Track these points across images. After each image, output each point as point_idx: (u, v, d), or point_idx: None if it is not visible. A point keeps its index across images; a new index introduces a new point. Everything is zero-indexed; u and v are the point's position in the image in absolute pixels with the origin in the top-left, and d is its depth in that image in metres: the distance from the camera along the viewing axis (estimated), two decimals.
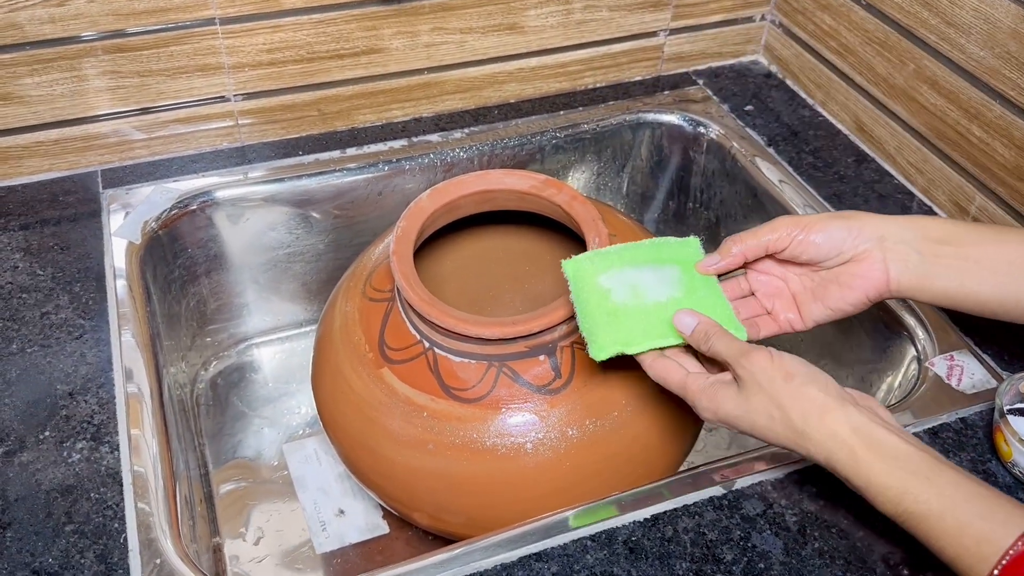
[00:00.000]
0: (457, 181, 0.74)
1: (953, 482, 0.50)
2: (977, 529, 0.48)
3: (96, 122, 0.86)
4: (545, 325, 0.65)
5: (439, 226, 0.75)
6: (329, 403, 0.73)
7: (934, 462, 0.51)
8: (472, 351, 0.66)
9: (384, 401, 0.68)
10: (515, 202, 0.76)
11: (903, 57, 0.88)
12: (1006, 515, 0.48)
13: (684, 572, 0.57)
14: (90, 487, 0.62)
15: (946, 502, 0.49)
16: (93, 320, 0.74)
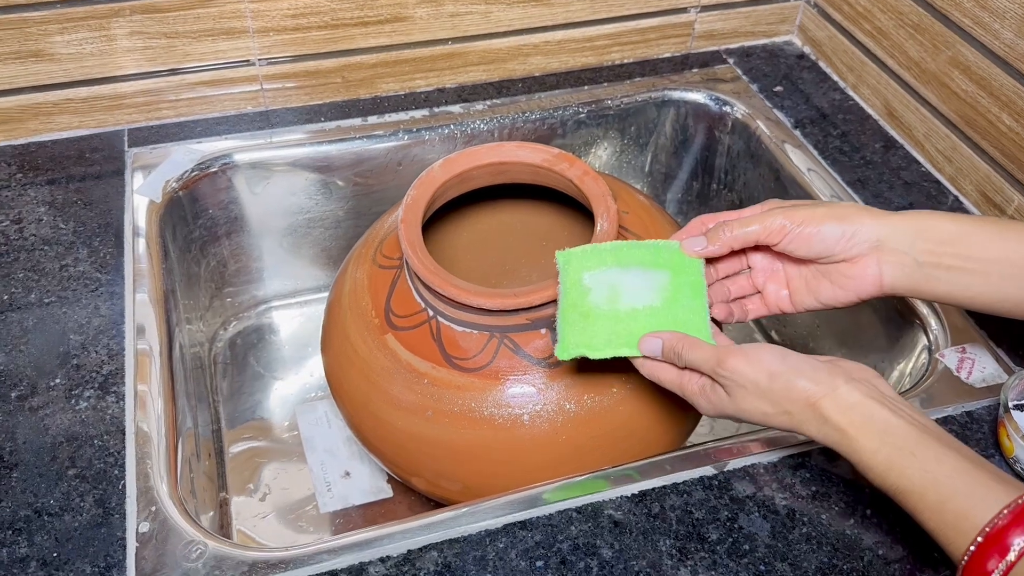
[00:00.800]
0: (470, 152, 0.74)
1: (937, 457, 0.49)
2: (956, 505, 0.48)
3: (124, 81, 0.88)
4: (547, 298, 0.65)
5: (451, 197, 0.75)
6: (336, 367, 0.74)
7: (921, 436, 0.50)
8: (474, 321, 0.66)
9: (387, 367, 0.68)
10: (528, 176, 0.76)
11: (936, 41, 0.85)
12: (985, 491, 0.47)
13: (667, 549, 0.57)
14: (94, 434, 0.64)
15: (928, 478, 0.49)
16: (109, 275, 0.76)
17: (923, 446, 0.50)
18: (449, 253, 0.86)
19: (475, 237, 0.88)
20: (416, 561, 0.56)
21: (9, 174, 0.85)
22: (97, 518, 0.59)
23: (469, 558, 0.56)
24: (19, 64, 0.84)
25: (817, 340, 0.92)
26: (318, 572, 0.56)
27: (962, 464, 0.49)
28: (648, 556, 0.57)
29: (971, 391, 0.68)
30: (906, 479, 0.49)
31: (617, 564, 0.56)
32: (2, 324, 0.71)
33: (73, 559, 0.57)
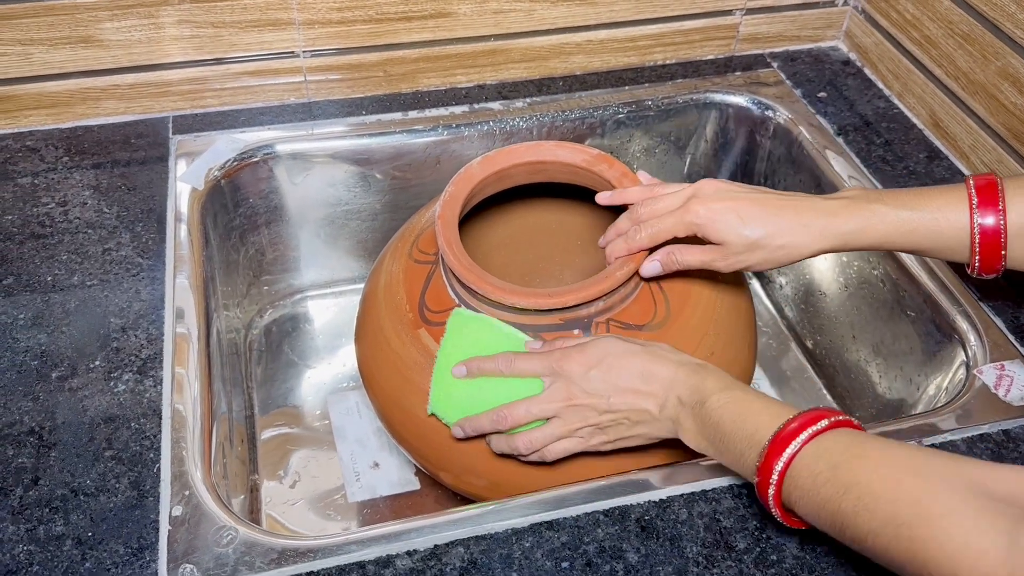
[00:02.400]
0: (508, 150, 0.74)
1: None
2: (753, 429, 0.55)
3: (170, 69, 0.89)
4: (581, 299, 0.65)
5: (488, 194, 0.75)
6: (368, 359, 0.75)
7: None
8: (507, 319, 0.66)
9: (419, 361, 0.69)
10: (566, 175, 0.76)
11: (986, 52, 0.84)
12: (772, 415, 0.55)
13: (694, 555, 0.57)
14: (131, 417, 0.65)
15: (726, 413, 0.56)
16: (151, 260, 0.77)
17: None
18: (484, 250, 0.87)
19: (511, 235, 0.89)
20: (442, 556, 0.57)
21: (56, 157, 0.87)
22: (131, 500, 0.60)
23: (495, 556, 0.57)
24: (69, 49, 0.85)
25: (851, 352, 0.91)
26: (346, 562, 0.56)
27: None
28: (674, 562, 0.57)
29: (1008, 409, 0.67)
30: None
31: (643, 569, 0.56)
32: (45, 305, 0.73)
33: (107, 539, 0.58)
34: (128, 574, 0.56)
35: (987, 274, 0.63)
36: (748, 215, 0.62)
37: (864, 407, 0.89)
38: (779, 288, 1.04)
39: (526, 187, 0.78)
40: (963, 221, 0.61)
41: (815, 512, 0.51)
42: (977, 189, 0.61)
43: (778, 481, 0.52)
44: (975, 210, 0.61)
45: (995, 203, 0.60)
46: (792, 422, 0.53)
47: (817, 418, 0.53)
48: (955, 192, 0.62)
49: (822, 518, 0.51)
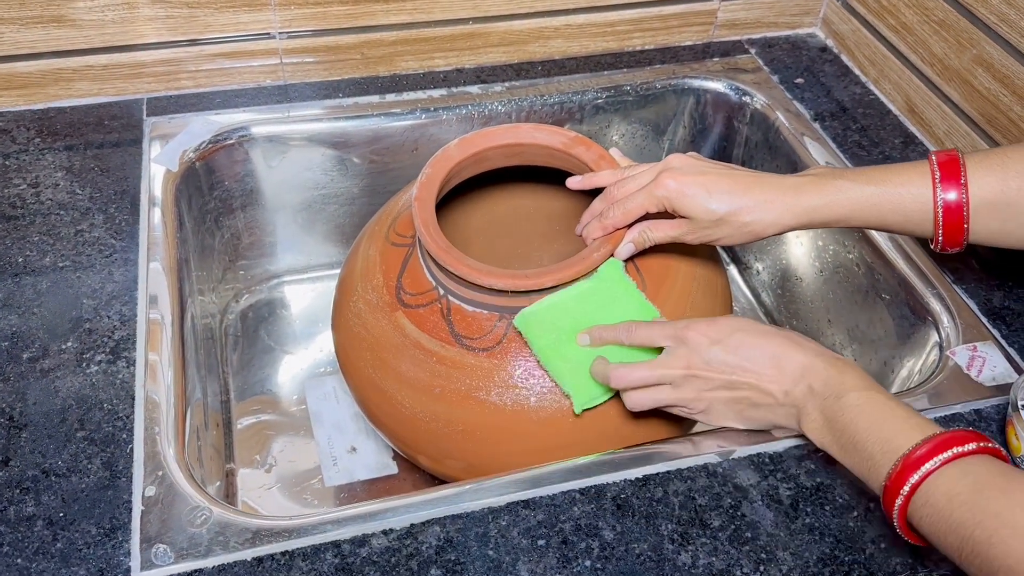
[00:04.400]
0: (486, 132, 0.74)
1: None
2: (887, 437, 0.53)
3: (145, 50, 0.88)
4: (558, 280, 0.65)
5: (465, 177, 0.75)
6: (346, 342, 0.74)
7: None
8: (485, 301, 0.66)
9: (397, 344, 0.69)
10: (544, 158, 0.76)
11: (961, 38, 0.85)
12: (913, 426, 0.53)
13: (669, 533, 0.57)
14: (104, 398, 0.64)
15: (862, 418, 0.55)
16: (124, 241, 0.76)
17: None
18: (463, 235, 0.86)
19: (489, 220, 0.88)
20: (418, 535, 0.57)
21: (28, 138, 0.86)
22: (104, 480, 0.59)
23: (471, 534, 0.57)
24: (41, 29, 0.84)
25: (827, 336, 0.91)
26: (321, 542, 0.56)
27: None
28: (650, 539, 0.57)
29: (980, 389, 0.68)
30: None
31: (618, 546, 0.56)
32: (16, 287, 0.72)
33: (79, 520, 0.57)
34: (100, 554, 0.55)
35: (951, 248, 0.63)
36: (716, 190, 0.62)
37: None
38: (756, 274, 1.04)
39: (504, 171, 0.77)
40: (926, 196, 0.61)
41: (943, 533, 0.49)
42: (940, 165, 0.61)
43: (909, 493, 0.50)
44: (938, 185, 0.61)
45: (957, 178, 0.61)
46: (938, 437, 0.51)
47: (965, 440, 0.50)
48: (918, 168, 0.63)
49: (949, 542, 0.49)
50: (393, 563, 0.55)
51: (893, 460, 0.51)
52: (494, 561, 0.55)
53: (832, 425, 0.56)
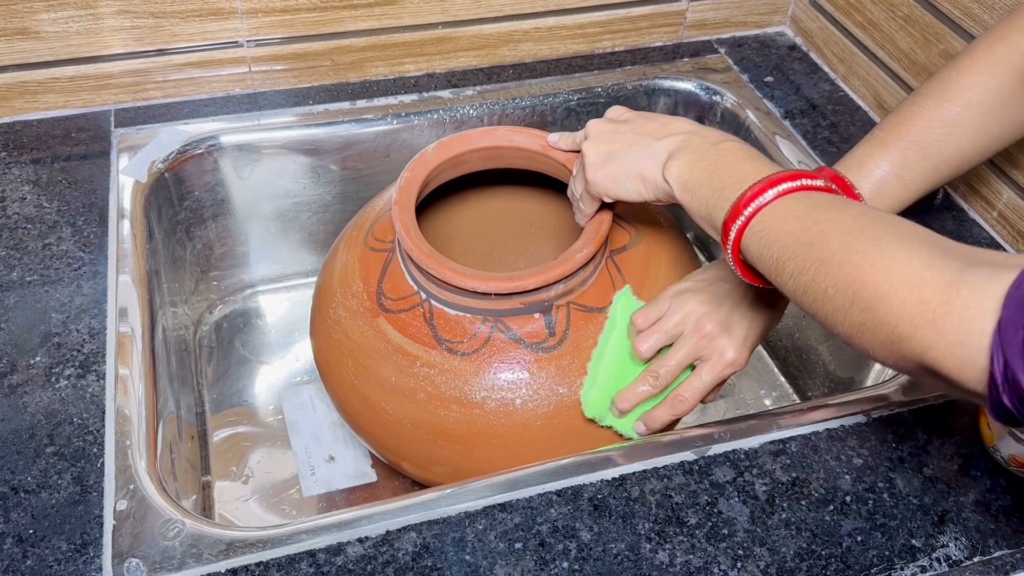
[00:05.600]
0: (464, 136, 0.74)
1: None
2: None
3: (111, 61, 0.87)
4: (541, 283, 0.64)
5: (444, 180, 0.75)
6: (325, 350, 0.73)
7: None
8: (467, 304, 0.66)
9: (379, 350, 0.68)
10: (522, 161, 0.75)
11: (926, 33, 0.85)
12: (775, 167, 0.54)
13: (646, 532, 0.57)
14: (73, 412, 0.63)
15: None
16: (93, 254, 0.75)
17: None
18: (442, 239, 0.86)
19: (466, 223, 0.88)
20: (394, 542, 0.56)
21: None
22: (74, 495, 0.58)
23: (448, 539, 0.56)
24: (4, 42, 0.83)
25: (803, 330, 0.92)
26: (296, 552, 0.56)
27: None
28: (627, 539, 0.56)
29: None
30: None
31: (595, 547, 0.56)
32: None
33: (49, 536, 0.56)
34: (71, 571, 0.55)
35: None
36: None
37: (816, 386, 0.90)
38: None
39: (481, 174, 0.77)
40: None
41: (769, 244, 0.51)
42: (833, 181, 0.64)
43: (751, 214, 0.52)
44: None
45: (850, 192, 0.64)
46: (791, 171, 0.53)
47: (817, 176, 0.53)
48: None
49: (772, 253, 0.51)
50: (369, 571, 0.55)
51: (744, 187, 0.53)
52: (471, 566, 0.55)
53: (698, 164, 0.57)
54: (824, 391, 0.89)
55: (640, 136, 0.62)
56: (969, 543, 0.58)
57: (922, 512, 0.59)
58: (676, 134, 0.60)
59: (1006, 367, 0.39)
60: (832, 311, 0.48)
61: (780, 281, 0.51)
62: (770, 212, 0.51)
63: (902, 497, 0.60)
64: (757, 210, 0.52)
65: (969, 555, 0.57)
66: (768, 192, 0.52)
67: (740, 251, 0.54)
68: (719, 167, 0.56)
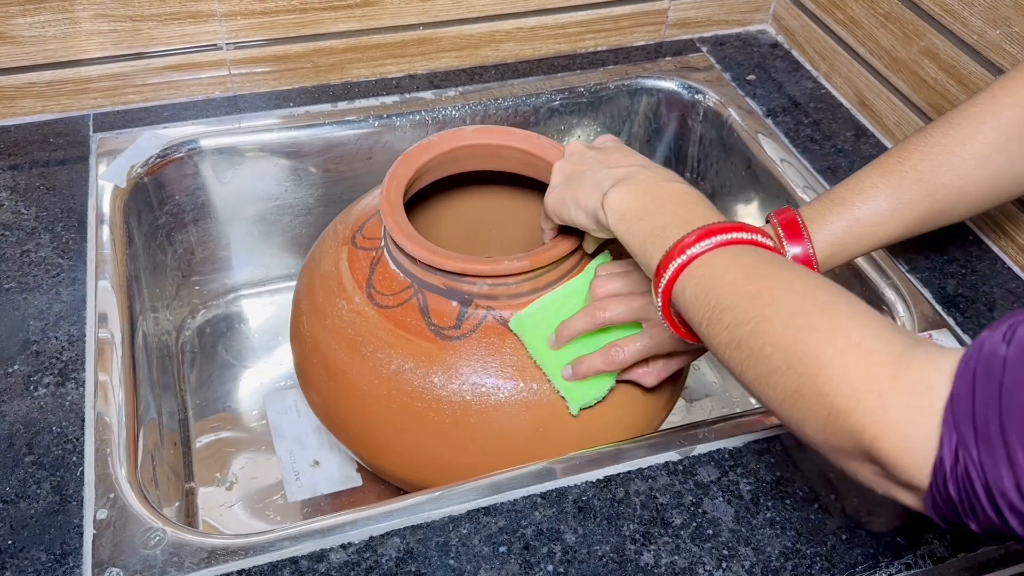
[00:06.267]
0: (454, 133, 0.73)
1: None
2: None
3: (89, 65, 0.87)
4: (535, 264, 0.63)
5: (432, 179, 0.74)
6: (309, 352, 0.73)
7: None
8: (459, 288, 0.65)
9: (373, 345, 0.67)
10: (517, 162, 0.75)
11: (907, 30, 0.85)
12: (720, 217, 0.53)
13: (631, 533, 0.57)
14: (53, 421, 0.63)
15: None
16: (71, 260, 0.75)
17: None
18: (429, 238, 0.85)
19: (451, 223, 0.87)
20: (378, 548, 0.56)
21: None
22: (54, 505, 0.58)
23: (431, 544, 0.56)
24: None
25: None
26: (278, 559, 0.55)
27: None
28: (612, 541, 0.56)
29: None
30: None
31: (580, 549, 0.56)
32: None
33: (28, 547, 0.56)
34: None
35: None
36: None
37: None
38: None
39: (465, 178, 0.77)
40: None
41: (705, 294, 0.48)
42: (782, 225, 0.62)
43: (687, 260, 0.50)
44: (784, 243, 0.61)
45: (800, 236, 0.61)
46: (735, 223, 0.51)
47: (757, 231, 0.51)
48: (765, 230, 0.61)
49: (709, 301, 0.48)
50: None
51: (690, 228, 0.50)
52: (455, 570, 0.55)
53: (641, 197, 0.55)
54: None
55: (598, 164, 0.60)
56: (953, 540, 0.58)
57: (907, 510, 0.59)
58: (627, 166, 0.58)
59: (958, 446, 0.36)
60: (766, 372, 0.45)
61: (712, 331, 0.48)
62: (715, 258, 0.49)
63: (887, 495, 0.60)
64: (700, 253, 0.49)
65: (953, 552, 0.57)
66: (715, 237, 0.49)
67: (672, 295, 0.51)
68: (663, 205, 0.54)
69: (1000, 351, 0.36)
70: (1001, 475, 0.35)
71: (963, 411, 0.36)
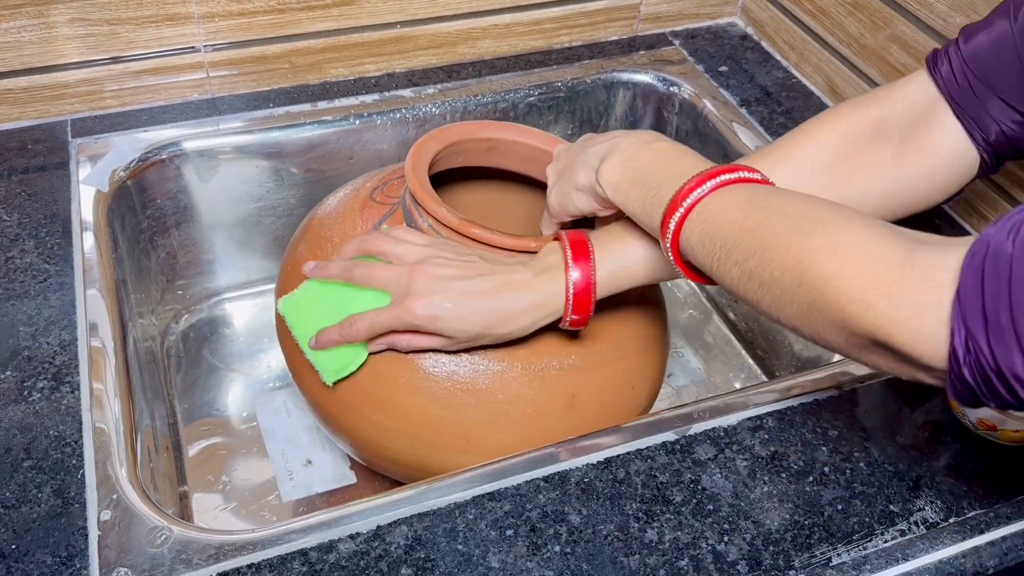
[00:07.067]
0: (481, 123, 0.74)
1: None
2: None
3: (66, 70, 0.86)
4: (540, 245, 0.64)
5: (444, 167, 0.74)
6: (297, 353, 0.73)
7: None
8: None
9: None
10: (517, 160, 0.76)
11: (874, 17, 0.88)
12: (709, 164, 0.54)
13: (634, 512, 0.58)
14: (49, 425, 0.62)
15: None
16: (58, 265, 0.74)
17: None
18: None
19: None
20: (386, 536, 0.56)
21: None
22: (56, 508, 0.58)
23: (439, 530, 0.57)
24: None
25: (762, 318, 0.93)
26: (287, 551, 0.55)
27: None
28: (616, 520, 0.57)
29: None
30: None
31: (586, 529, 0.57)
32: None
33: (33, 550, 0.55)
34: None
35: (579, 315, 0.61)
36: (465, 311, 0.59)
37: (783, 367, 0.92)
38: None
39: (468, 172, 0.77)
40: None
41: (710, 236, 0.50)
42: (571, 244, 0.61)
43: (690, 206, 0.52)
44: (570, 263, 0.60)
45: (586, 257, 0.60)
46: (726, 165, 0.53)
47: (753, 170, 0.53)
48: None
49: (715, 243, 0.50)
50: (363, 566, 0.55)
51: (681, 182, 0.52)
52: (464, 555, 0.55)
53: (629, 164, 0.57)
54: (792, 371, 0.90)
55: (583, 150, 0.62)
56: (944, 505, 0.60)
57: (898, 478, 0.61)
58: (609, 139, 0.60)
59: (967, 337, 0.39)
60: (779, 294, 0.47)
61: (724, 270, 0.50)
62: (710, 202, 0.51)
63: (878, 465, 0.62)
64: (696, 201, 0.52)
65: (945, 517, 0.59)
66: (707, 184, 0.52)
67: (680, 246, 0.53)
68: (652, 166, 0.56)
69: (1006, 249, 0.38)
70: (1014, 361, 0.38)
71: (971, 305, 0.39)
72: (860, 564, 0.56)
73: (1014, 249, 0.38)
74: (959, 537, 0.58)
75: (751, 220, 0.49)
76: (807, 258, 0.45)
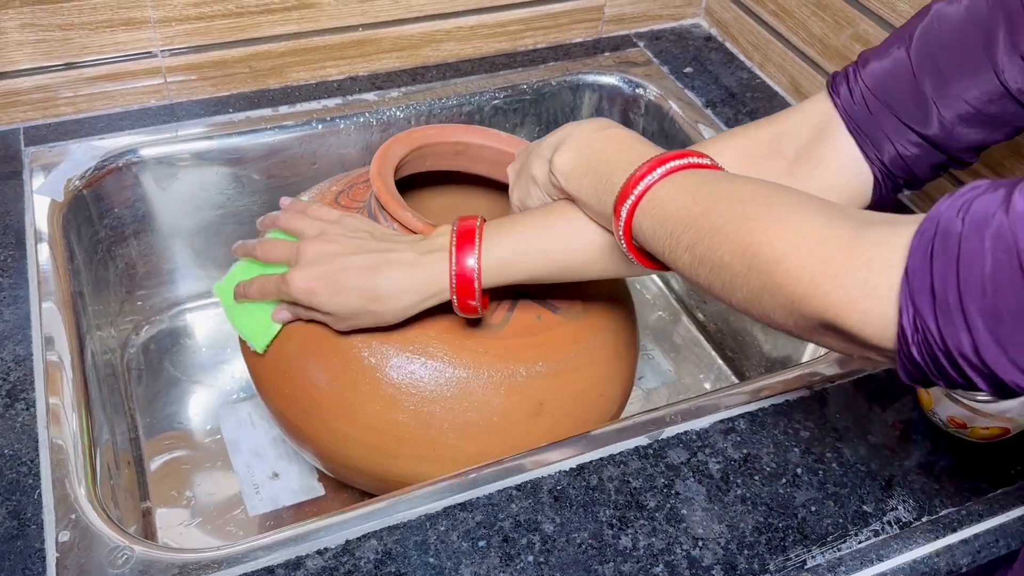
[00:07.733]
0: (439, 128, 0.73)
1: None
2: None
3: (17, 77, 0.83)
4: None
5: (411, 171, 0.73)
6: (260, 363, 0.71)
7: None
8: None
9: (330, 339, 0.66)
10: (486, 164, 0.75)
11: (838, 17, 0.88)
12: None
13: (608, 519, 0.57)
14: (3, 443, 0.60)
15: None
16: (12, 278, 0.72)
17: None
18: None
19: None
20: (355, 551, 0.55)
21: None
22: (12, 530, 0.55)
23: (410, 543, 0.55)
24: None
25: (738, 318, 0.93)
26: (253, 569, 0.54)
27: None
28: (589, 527, 0.57)
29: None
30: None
31: (559, 537, 0.56)
32: None
33: None
34: None
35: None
36: (339, 286, 0.60)
37: (753, 367, 0.92)
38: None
39: (438, 177, 0.76)
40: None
41: (662, 222, 0.50)
42: (459, 233, 0.60)
43: (641, 193, 0.51)
44: (454, 251, 0.60)
45: (472, 245, 0.59)
46: (675, 152, 0.53)
47: (702, 156, 0.52)
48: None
49: (667, 229, 0.50)
50: None
51: (631, 169, 0.52)
52: (436, 568, 0.54)
53: (582, 152, 0.57)
54: (761, 371, 0.90)
55: (538, 144, 0.62)
56: (917, 504, 0.60)
57: (870, 478, 0.61)
58: (561, 131, 0.60)
59: (915, 316, 0.38)
60: (729, 278, 0.47)
61: (675, 256, 0.50)
62: (660, 189, 0.51)
63: (850, 465, 0.62)
64: (647, 188, 0.51)
65: (917, 516, 0.59)
66: (657, 170, 0.51)
67: (632, 232, 0.53)
68: (603, 153, 0.56)
69: (955, 227, 0.38)
70: (960, 340, 0.37)
71: (919, 285, 0.38)
72: (835, 566, 0.56)
73: (963, 228, 0.38)
74: (932, 536, 0.58)
75: (700, 205, 0.49)
76: (756, 241, 0.45)
